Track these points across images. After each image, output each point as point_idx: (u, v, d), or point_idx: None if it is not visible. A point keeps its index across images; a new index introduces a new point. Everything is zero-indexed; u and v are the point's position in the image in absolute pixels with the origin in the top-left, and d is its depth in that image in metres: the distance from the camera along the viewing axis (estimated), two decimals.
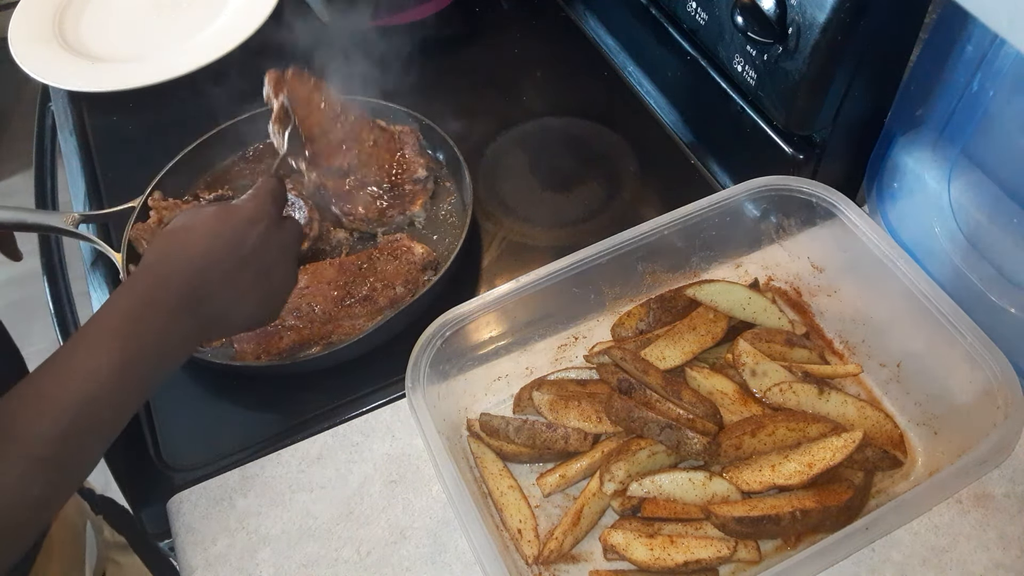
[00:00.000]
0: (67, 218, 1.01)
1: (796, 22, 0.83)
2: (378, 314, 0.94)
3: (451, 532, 0.82)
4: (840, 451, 0.75)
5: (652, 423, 0.78)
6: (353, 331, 0.93)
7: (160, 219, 1.02)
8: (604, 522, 0.81)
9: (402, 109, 1.12)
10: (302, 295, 0.96)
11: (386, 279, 0.96)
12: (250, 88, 1.27)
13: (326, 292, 0.96)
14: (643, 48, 1.21)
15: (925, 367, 0.83)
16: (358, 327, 0.93)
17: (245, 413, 0.95)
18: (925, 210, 0.92)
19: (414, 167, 1.06)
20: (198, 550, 0.82)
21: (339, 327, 0.93)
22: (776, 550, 0.77)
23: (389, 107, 1.12)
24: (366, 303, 0.95)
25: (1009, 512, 0.79)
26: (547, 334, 0.93)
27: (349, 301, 0.95)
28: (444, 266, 0.96)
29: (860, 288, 0.90)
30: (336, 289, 0.96)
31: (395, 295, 0.95)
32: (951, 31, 0.83)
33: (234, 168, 1.14)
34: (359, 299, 0.95)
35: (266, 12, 1.32)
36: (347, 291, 0.96)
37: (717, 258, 0.97)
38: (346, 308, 0.95)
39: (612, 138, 1.18)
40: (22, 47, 1.32)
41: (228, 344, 0.94)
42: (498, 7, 1.39)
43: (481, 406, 0.89)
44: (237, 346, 0.93)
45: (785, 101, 0.91)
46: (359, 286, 0.96)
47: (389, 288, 0.95)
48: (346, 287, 0.96)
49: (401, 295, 0.95)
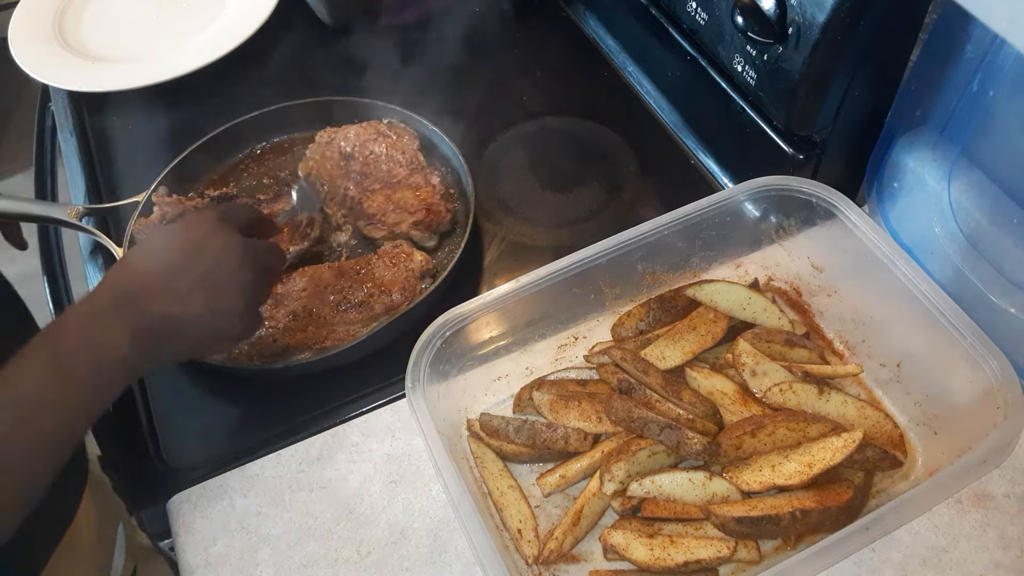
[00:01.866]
0: (70, 210, 1.02)
1: (796, 22, 0.83)
2: (373, 320, 0.94)
3: (451, 532, 0.82)
4: (840, 451, 0.75)
5: (652, 423, 0.78)
6: (347, 337, 0.92)
7: (163, 215, 1.02)
8: (604, 522, 0.81)
9: (402, 110, 1.12)
10: (299, 298, 0.96)
11: (383, 286, 0.96)
12: (250, 88, 1.28)
13: (323, 296, 0.96)
14: (643, 48, 1.21)
15: (925, 367, 0.83)
16: (352, 333, 0.93)
17: (245, 413, 0.95)
18: (925, 210, 0.92)
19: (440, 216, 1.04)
20: (198, 550, 0.82)
21: (333, 332, 0.93)
22: (776, 550, 0.77)
23: (390, 108, 1.12)
24: (362, 309, 0.95)
25: (1009, 512, 0.79)
26: (547, 334, 0.93)
27: (345, 306, 0.95)
28: (442, 275, 0.96)
29: (860, 288, 0.90)
30: (333, 293, 0.96)
31: (391, 302, 0.95)
32: (951, 31, 0.83)
33: (239, 166, 1.14)
34: (355, 305, 0.95)
35: (266, 12, 1.32)
36: (343, 296, 0.96)
37: (717, 258, 0.97)
38: (341, 313, 0.95)
39: (612, 138, 1.18)
40: (22, 47, 1.32)
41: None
42: (498, 7, 1.39)
43: (481, 406, 0.89)
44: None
45: (785, 101, 0.91)
46: (356, 291, 0.96)
47: (386, 295, 0.95)
48: (343, 292, 0.96)
49: (397, 303, 0.95)
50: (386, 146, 1.08)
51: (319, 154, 1.09)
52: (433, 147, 1.11)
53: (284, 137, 1.16)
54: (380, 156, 1.08)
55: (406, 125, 1.12)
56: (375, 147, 1.08)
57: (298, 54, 1.35)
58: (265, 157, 1.15)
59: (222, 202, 1.05)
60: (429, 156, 1.10)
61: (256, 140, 1.15)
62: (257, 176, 1.12)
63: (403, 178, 1.06)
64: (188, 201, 1.04)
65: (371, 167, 1.07)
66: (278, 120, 1.15)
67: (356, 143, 1.09)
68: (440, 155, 1.11)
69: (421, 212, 1.01)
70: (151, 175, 1.07)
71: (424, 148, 1.10)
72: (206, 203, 1.04)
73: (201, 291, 0.71)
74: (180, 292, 0.71)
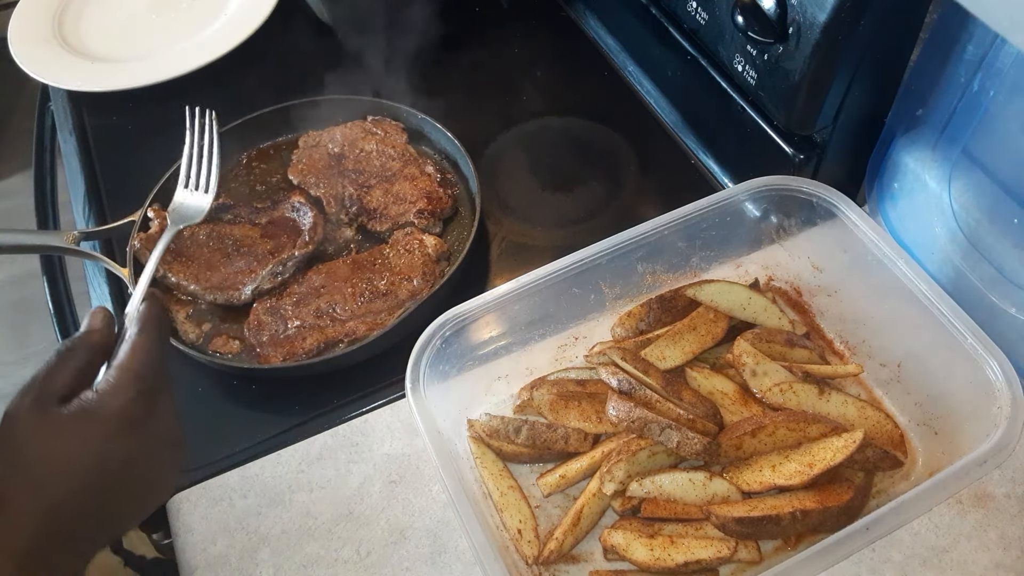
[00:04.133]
0: (67, 236, 1.00)
1: (796, 22, 0.83)
2: (398, 308, 0.95)
3: (451, 532, 0.82)
4: (840, 451, 0.75)
5: (652, 423, 0.78)
6: (376, 326, 0.93)
7: (161, 228, 1.02)
8: (604, 522, 0.81)
9: (404, 108, 1.12)
10: (320, 295, 0.96)
11: (403, 273, 0.97)
12: (249, 89, 1.28)
13: (343, 290, 0.96)
14: (643, 48, 1.21)
15: (925, 367, 0.83)
16: (381, 321, 0.93)
17: (245, 413, 0.95)
18: (925, 210, 0.92)
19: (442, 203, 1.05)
20: (198, 550, 0.82)
21: (362, 323, 0.94)
22: (776, 550, 0.77)
23: (390, 106, 1.13)
24: (386, 298, 0.95)
25: (1009, 512, 0.79)
26: (547, 334, 0.93)
27: (369, 297, 0.95)
28: (459, 256, 0.97)
29: (860, 288, 0.90)
30: (352, 287, 0.96)
31: (414, 288, 0.96)
32: (951, 31, 0.83)
33: (231, 174, 1.12)
34: (379, 294, 0.96)
35: (266, 12, 1.32)
36: (365, 287, 0.96)
37: (717, 258, 0.97)
38: (366, 304, 0.95)
39: (612, 138, 1.18)
40: (22, 47, 1.32)
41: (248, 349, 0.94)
42: (498, 7, 1.39)
43: (481, 406, 0.89)
44: (260, 351, 0.93)
45: (785, 101, 0.91)
46: (376, 282, 0.97)
47: (407, 281, 0.96)
48: (363, 284, 0.96)
49: (419, 287, 0.96)
50: (375, 143, 1.09)
51: (306, 157, 1.09)
52: (423, 136, 1.12)
53: (268, 143, 1.15)
54: (371, 153, 1.09)
55: (391, 119, 1.12)
56: (365, 145, 1.09)
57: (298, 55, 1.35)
58: (252, 164, 1.14)
59: (220, 212, 1.05)
60: (419, 145, 1.11)
61: (241, 148, 1.14)
62: (249, 184, 1.11)
63: (398, 171, 1.07)
64: None
65: (364, 164, 1.08)
66: (260, 126, 1.14)
67: (344, 143, 1.10)
68: (431, 143, 1.12)
69: (423, 201, 1.02)
70: (151, 175, 1.06)
71: (413, 138, 1.11)
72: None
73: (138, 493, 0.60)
74: (112, 506, 0.59)
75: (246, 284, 0.97)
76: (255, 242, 1.02)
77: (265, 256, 0.99)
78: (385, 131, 1.11)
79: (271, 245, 1.01)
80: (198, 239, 1.02)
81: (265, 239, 1.02)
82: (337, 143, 1.10)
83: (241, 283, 0.97)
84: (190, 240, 1.02)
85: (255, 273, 0.98)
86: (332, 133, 1.11)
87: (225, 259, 1.00)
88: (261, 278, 0.98)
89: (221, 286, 0.98)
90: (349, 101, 1.14)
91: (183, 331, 0.96)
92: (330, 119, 1.13)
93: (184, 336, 0.96)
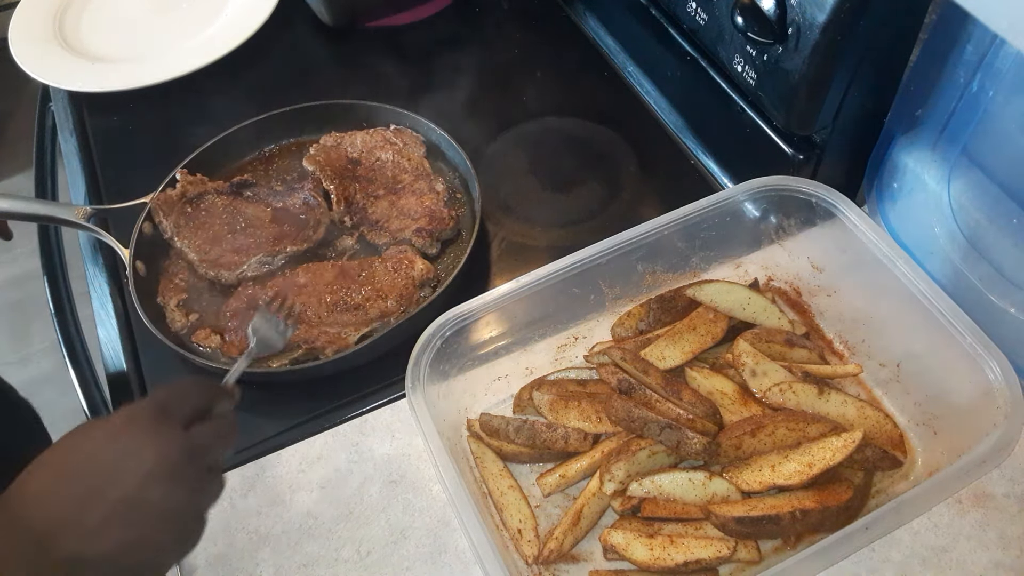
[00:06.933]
0: (78, 211, 1.02)
1: (796, 22, 0.83)
2: (365, 325, 0.94)
3: (451, 532, 0.82)
4: (840, 451, 0.75)
5: (652, 423, 0.78)
6: (337, 338, 0.93)
7: (184, 192, 1.04)
8: (604, 522, 0.81)
9: (411, 115, 1.12)
10: (299, 294, 0.96)
11: (381, 290, 0.96)
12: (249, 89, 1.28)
13: (321, 295, 0.96)
14: (643, 48, 1.21)
15: (925, 367, 0.83)
16: (343, 336, 0.93)
17: (245, 414, 0.94)
18: (925, 210, 0.92)
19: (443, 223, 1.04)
20: (198, 550, 0.82)
21: (323, 333, 0.93)
22: (776, 550, 0.77)
23: (414, 118, 1.12)
24: (356, 312, 0.95)
25: (1009, 512, 0.79)
26: (547, 334, 0.93)
27: (341, 307, 0.95)
28: (441, 287, 0.96)
29: (860, 288, 0.90)
30: (331, 293, 0.96)
31: (386, 308, 0.95)
32: (951, 31, 0.83)
33: (247, 167, 1.14)
34: (350, 307, 0.95)
35: (266, 12, 1.32)
36: (340, 296, 0.96)
37: (717, 258, 0.97)
38: (335, 314, 0.95)
39: (612, 138, 1.18)
40: (22, 47, 1.32)
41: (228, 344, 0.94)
42: (498, 7, 1.39)
43: (481, 406, 0.89)
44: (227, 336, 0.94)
45: (785, 101, 0.91)
46: (353, 293, 0.96)
47: (382, 300, 0.95)
48: (341, 292, 0.96)
49: (391, 309, 0.95)
50: (392, 152, 1.09)
51: (324, 153, 1.09)
52: (440, 152, 1.11)
53: (291, 140, 1.16)
54: (386, 163, 1.09)
55: (412, 130, 1.12)
56: (381, 154, 1.09)
57: (298, 55, 1.35)
58: (272, 159, 1.15)
59: (243, 188, 1.06)
60: (435, 161, 1.11)
61: (265, 142, 1.15)
62: (264, 178, 1.12)
63: (408, 184, 1.06)
64: (211, 183, 1.06)
65: (377, 172, 1.08)
66: (287, 122, 1.15)
67: (363, 149, 1.10)
68: (447, 160, 1.11)
69: (424, 219, 1.02)
70: (151, 175, 1.07)
71: (430, 153, 1.11)
72: (226, 186, 1.05)
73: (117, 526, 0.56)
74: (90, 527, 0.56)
75: (236, 267, 0.99)
76: (263, 225, 1.03)
77: (265, 242, 1.01)
78: (404, 142, 1.10)
79: (275, 231, 1.02)
80: (216, 209, 1.04)
81: (272, 224, 1.03)
82: (356, 148, 1.10)
83: (234, 264, 0.99)
84: (207, 210, 1.04)
85: (246, 258, 0.99)
86: (353, 137, 1.11)
87: (230, 235, 1.02)
88: (248, 266, 0.99)
89: (216, 262, 1.00)
90: (376, 108, 1.14)
91: (171, 318, 0.97)
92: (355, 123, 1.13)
93: (172, 323, 0.97)
